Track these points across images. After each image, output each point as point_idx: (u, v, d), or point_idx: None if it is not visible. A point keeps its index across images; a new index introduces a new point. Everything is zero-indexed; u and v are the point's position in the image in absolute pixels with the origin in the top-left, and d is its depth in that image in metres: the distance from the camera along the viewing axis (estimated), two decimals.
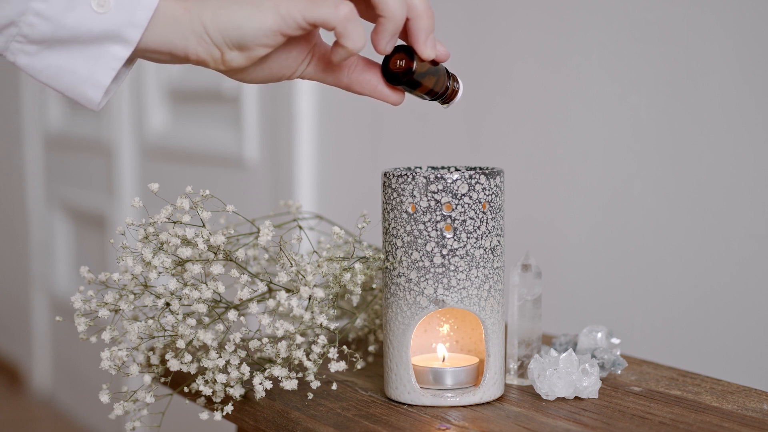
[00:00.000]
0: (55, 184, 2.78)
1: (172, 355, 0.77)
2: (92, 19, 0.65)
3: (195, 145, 2.02)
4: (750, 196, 1.03)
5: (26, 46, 0.66)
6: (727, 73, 1.04)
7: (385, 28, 0.69)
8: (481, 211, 0.75)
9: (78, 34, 0.65)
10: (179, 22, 0.67)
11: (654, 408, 0.76)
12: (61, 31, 0.65)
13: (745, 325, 1.04)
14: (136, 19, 0.66)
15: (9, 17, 0.65)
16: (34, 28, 0.65)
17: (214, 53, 0.67)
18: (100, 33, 0.66)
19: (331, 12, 0.66)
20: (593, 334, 0.86)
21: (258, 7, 0.66)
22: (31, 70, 0.67)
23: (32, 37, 0.65)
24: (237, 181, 1.86)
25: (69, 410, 2.69)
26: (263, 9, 0.66)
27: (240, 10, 0.66)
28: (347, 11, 0.66)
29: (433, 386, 0.77)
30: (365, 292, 0.88)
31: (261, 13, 0.66)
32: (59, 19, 0.65)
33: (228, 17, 0.66)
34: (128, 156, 2.32)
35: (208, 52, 0.67)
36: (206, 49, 0.67)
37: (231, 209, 0.78)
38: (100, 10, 0.65)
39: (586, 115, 1.19)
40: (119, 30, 0.66)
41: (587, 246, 1.20)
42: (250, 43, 0.67)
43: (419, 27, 0.69)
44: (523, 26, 1.26)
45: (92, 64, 0.67)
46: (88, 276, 0.79)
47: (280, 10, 0.66)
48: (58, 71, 0.67)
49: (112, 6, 0.65)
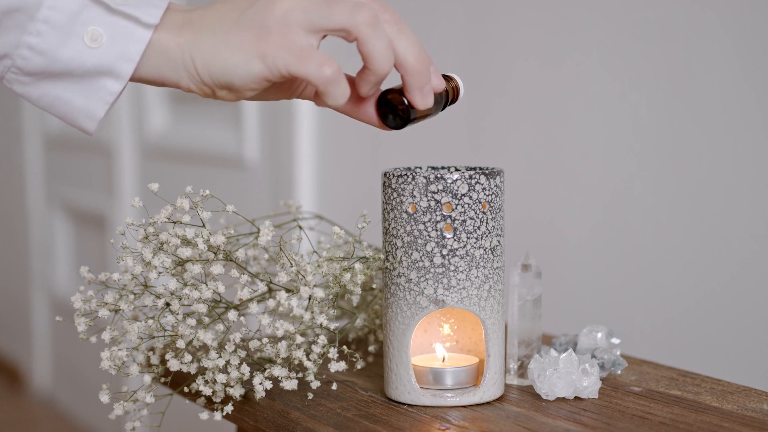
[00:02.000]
0: (55, 184, 2.78)
1: (172, 355, 0.77)
2: (85, 54, 0.66)
3: (195, 145, 2.02)
4: (750, 196, 1.03)
5: (21, 77, 0.67)
6: (727, 72, 1.04)
7: (368, 79, 0.68)
8: (481, 211, 0.75)
9: (71, 67, 0.66)
10: (171, 58, 0.67)
11: (654, 408, 0.76)
12: (54, 64, 0.66)
13: (745, 325, 1.04)
14: (129, 53, 0.66)
15: (3, 50, 0.65)
16: (28, 61, 0.65)
17: (205, 90, 0.68)
18: (92, 67, 0.66)
19: (315, 71, 0.65)
20: (593, 334, 0.86)
21: (246, 55, 0.66)
22: (27, 97, 0.68)
23: (26, 70, 0.66)
24: (237, 181, 1.86)
25: (69, 410, 2.69)
26: (250, 57, 0.66)
27: (229, 55, 0.66)
28: (330, 74, 0.65)
29: (433, 386, 0.77)
30: (365, 292, 0.88)
31: (248, 62, 0.66)
32: (53, 54, 0.65)
33: (217, 62, 0.66)
34: (128, 156, 2.32)
35: (199, 88, 0.68)
36: (197, 86, 0.68)
37: (231, 209, 0.78)
38: (93, 45, 0.66)
39: (586, 115, 1.19)
40: (112, 65, 0.66)
41: (587, 246, 1.20)
42: (238, 88, 0.67)
43: (410, 83, 0.69)
44: (523, 25, 1.26)
45: (86, 97, 0.67)
46: (88, 276, 0.79)
47: (266, 60, 0.66)
48: (53, 100, 0.68)
49: (104, 41, 0.66)
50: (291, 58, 0.65)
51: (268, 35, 0.65)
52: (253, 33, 0.66)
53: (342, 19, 0.65)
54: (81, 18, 0.65)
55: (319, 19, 0.65)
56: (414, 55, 0.67)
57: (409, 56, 0.67)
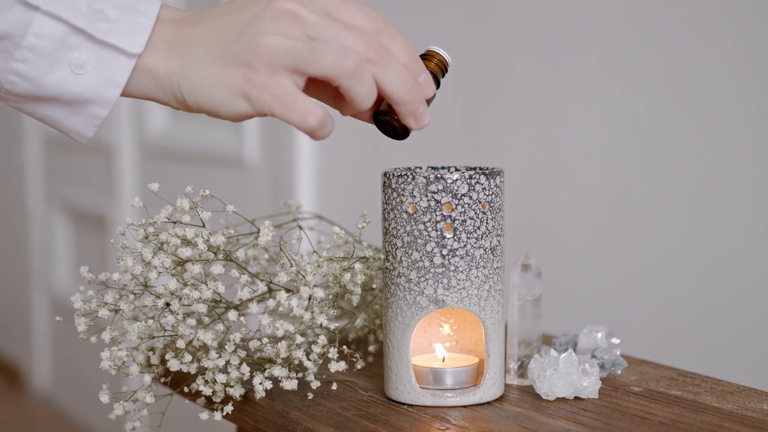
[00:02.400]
0: (55, 184, 2.78)
1: (172, 355, 0.77)
2: (70, 81, 0.66)
3: (195, 145, 2.02)
4: (750, 196, 1.03)
5: (11, 97, 0.67)
6: (727, 73, 1.04)
7: (351, 108, 0.69)
8: (481, 211, 0.75)
9: (57, 94, 0.66)
10: (159, 82, 0.67)
11: (654, 408, 0.76)
12: (41, 90, 0.66)
13: (745, 325, 1.05)
14: (115, 79, 0.66)
15: None
16: (16, 86, 0.66)
17: (194, 111, 0.69)
18: (78, 94, 0.66)
19: (300, 121, 0.65)
20: (593, 334, 0.86)
21: (232, 93, 0.66)
22: (21, 111, 0.69)
23: (15, 93, 0.66)
24: (237, 181, 1.86)
25: (69, 410, 2.69)
26: (236, 96, 0.66)
27: (216, 91, 0.66)
28: (315, 123, 0.65)
29: (433, 386, 0.77)
30: (365, 292, 0.88)
31: (234, 101, 0.66)
32: (39, 80, 0.65)
33: (203, 97, 0.66)
34: (128, 156, 2.32)
35: (189, 110, 0.69)
36: (186, 108, 0.68)
37: (231, 209, 0.78)
38: (79, 71, 0.66)
39: (585, 116, 1.19)
40: (98, 92, 0.66)
41: (587, 246, 1.20)
42: (225, 118, 0.68)
43: (402, 112, 0.68)
44: (522, 27, 1.26)
45: (75, 119, 0.68)
46: (88, 276, 0.79)
47: (252, 101, 0.66)
48: (44, 118, 0.68)
49: (90, 67, 0.66)
50: (276, 104, 0.65)
51: (253, 74, 0.65)
52: (238, 71, 0.65)
53: (326, 68, 0.64)
54: (67, 44, 0.65)
55: (303, 64, 0.65)
56: (399, 88, 0.67)
57: (394, 91, 0.67)
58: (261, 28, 0.65)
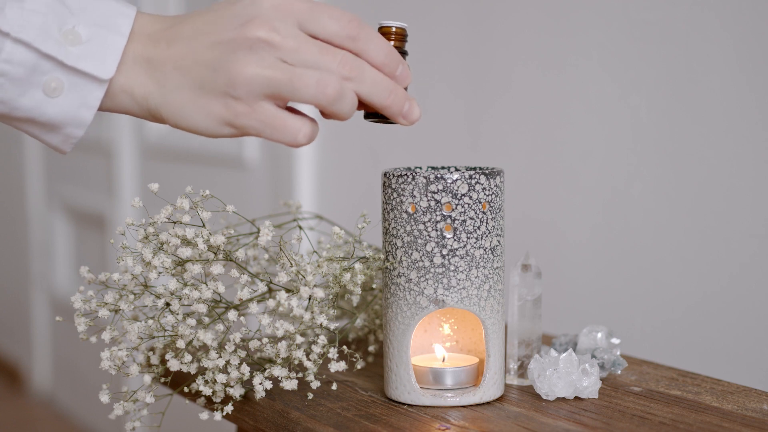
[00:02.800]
0: (55, 184, 2.78)
1: (172, 355, 0.77)
2: (45, 104, 0.66)
3: (195, 145, 2.02)
4: (750, 196, 1.03)
5: None
6: (727, 73, 1.04)
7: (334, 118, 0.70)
8: (481, 211, 0.75)
9: (33, 116, 0.66)
10: (136, 102, 0.67)
11: (654, 408, 0.76)
12: (16, 111, 0.66)
13: (746, 326, 1.04)
14: (89, 101, 0.66)
15: None
16: None
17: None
18: (53, 116, 0.66)
19: (291, 140, 0.66)
20: (593, 334, 0.86)
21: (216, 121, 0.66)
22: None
23: None
24: (237, 181, 1.86)
25: (69, 410, 2.69)
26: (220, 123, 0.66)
27: (199, 119, 0.66)
28: (306, 140, 0.66)
29: (433, 386, 0.77)
30: (365, 292, 0.88)
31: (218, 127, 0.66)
32: (13, 103, 0.65)
33: (185, 122, 0.67)
34: (128, 156, 2.32)
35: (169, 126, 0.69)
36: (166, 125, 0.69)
37: (231, 209, 0.78)
38: (52, 95, 0.65)
39: (586, 115, 1.19)
40: (73, 114, 0.66)
41: (587, 246, 1.20)
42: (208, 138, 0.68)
43: (389, 114, 0.69)
44: (523, 27, 1.26)
45: (51, 137, 0.68)
46: (88, 276, 0.79)
47: (237, 126, 0.66)
48: (24, 133, 0.69)
49: (64, 89, 0.65)
50: (264, 129, 0.66)
51: (235, 103, 0.65)
52: (220, 100, 0.65)
53: (307, 98, 0.65)
54: (39, 69, 0.64)
55: (283, 93, 0.65)
56: (379, 97, 0.67)
57: (376, 101, 0.67)
58: (237, 58, 0.64)
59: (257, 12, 0.65)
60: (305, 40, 0.65)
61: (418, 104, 0.69)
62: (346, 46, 0.66)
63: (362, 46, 0.67)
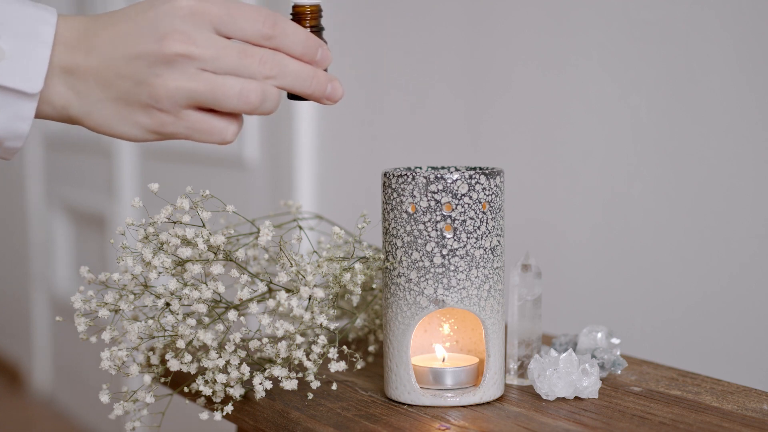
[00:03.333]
0: (55, 184, 2.78)
1: (172, 355, 0.77)
2: None
3: (195, 145, 2.02)
4: (750, 197, 1.03)
5: None
6: (727, 73, 1.04)
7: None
8: (481, 211, 0.75)
9: None
10: (57, 110, 0.67)
11: (654, 408, 0.76)
12: None
13: (746, 326, 1.04)
14: (22, 113, 0.65)
15: None
16: None
17: None
18: None
19: (219, 141, 0.67)
20: (593, 334, 0.86)
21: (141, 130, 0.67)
22: None
23: None
24: (237, 181, 1.86)
25: (69, 410, 2.69)
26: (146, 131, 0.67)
27: (125, 129, 0.67)
28: (234, 138, 0.68)
29: (433, 386, 0.77)
30: (365, 292, 0.88)
31: (144, 134, 0.67)
32: None
33: (111, 131, 0.67)
34: (128, 156, 2.32)
35: None
36: None
37: (231, 209, 0.78)
38: None
39: (586, 115, 1.19)
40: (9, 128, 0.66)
41: (587, 246, 1.20)
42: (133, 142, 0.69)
43: (313, 99, 0.70)
44: (523, 27, 1.26)
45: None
46: (88, 276, 0.79)
47: (164, 134, 0.67)
48: None
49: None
50: (191, 133, 0.67)
51: (160, 114, 0.66)
52: (145, 112, 0.66)
53: (230, 107, 0.66)
54: None
55: (207, 104, 0.66)
56: (302, 86, 0.68)
57: (299, 90, 0.68)
58: (158, 73, 0.65)
59: (173, 24, 0.65)
60: (224, 46, 0.66)
61: (340, 83, 0.70)
62: (264, 45, 0.67)
63: (279, 42, 0.67)
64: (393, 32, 1.49)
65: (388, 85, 1.51)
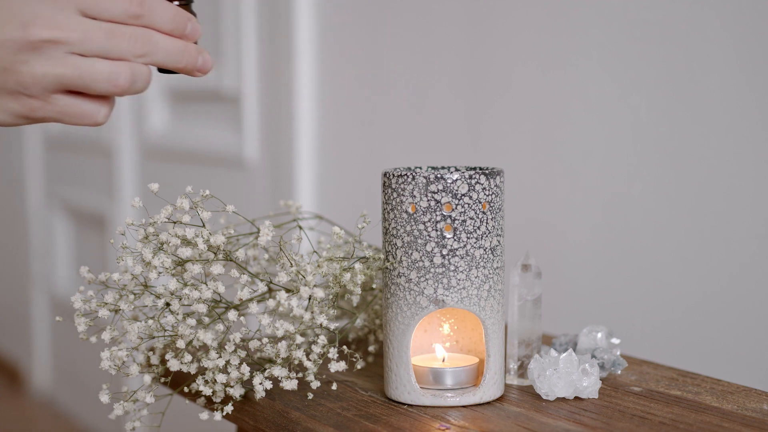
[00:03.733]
0: (55, 184, 2.78)
1: (172, 355, 0.77)
2: None
3: (195, 145, 2.02)
4: (750, 197, 1.03)
5: None
6: (727, 73, 1.04)
7: None
8: (481, 211, 0.75)
9: None
10: None
11: (654, 408, 0.76)
12: None
13: (746, 326, 1.05)
14: None
15: None
16: None
17: None
18: None
19: (91, 123, 0.67)
20: (593, 334, 0.86)
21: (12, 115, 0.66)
22: None
23: None
24: (237, 181, 1.86)
25: (69, 410, 2.69)
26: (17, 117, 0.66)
27: None
28: (106, 119, 0.68)
29: (433, 386, 0.77)
30: (365, 292, 0.88)
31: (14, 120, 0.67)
32: None
33: None
34: (128, 156, 2.32)
35: None
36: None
37: (231, 209, 0.78)
38: None
39: (586, 115, 1.19)
40: None
41: (587, 246, 1.20)
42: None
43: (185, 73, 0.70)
44: (523, 27, 1.26)
45: None
46: (88, 276, 0.79)
47: (36, 118, 0.66)
48: None
49: None
50: (61, 116, 0.66)
51: (29, 100, 0.65)
52: (13, 98, 0.66)
53: (101, 91, 0.66)
54: None
55: (76, 88, 0.65)
56: (173, 61, 0.68)
57: (171, 65, 0.68)
58: (24, 59, 0.64)
59: (37, 9, 0.64)
60: (91, 27, 0.65)
61: (209, 55, 0.70)
62: (132, 24, 0.66)
63: (147, 20, 0.67)
64: (393, 32, 1.49)
65: (388, 85, 1.51)
